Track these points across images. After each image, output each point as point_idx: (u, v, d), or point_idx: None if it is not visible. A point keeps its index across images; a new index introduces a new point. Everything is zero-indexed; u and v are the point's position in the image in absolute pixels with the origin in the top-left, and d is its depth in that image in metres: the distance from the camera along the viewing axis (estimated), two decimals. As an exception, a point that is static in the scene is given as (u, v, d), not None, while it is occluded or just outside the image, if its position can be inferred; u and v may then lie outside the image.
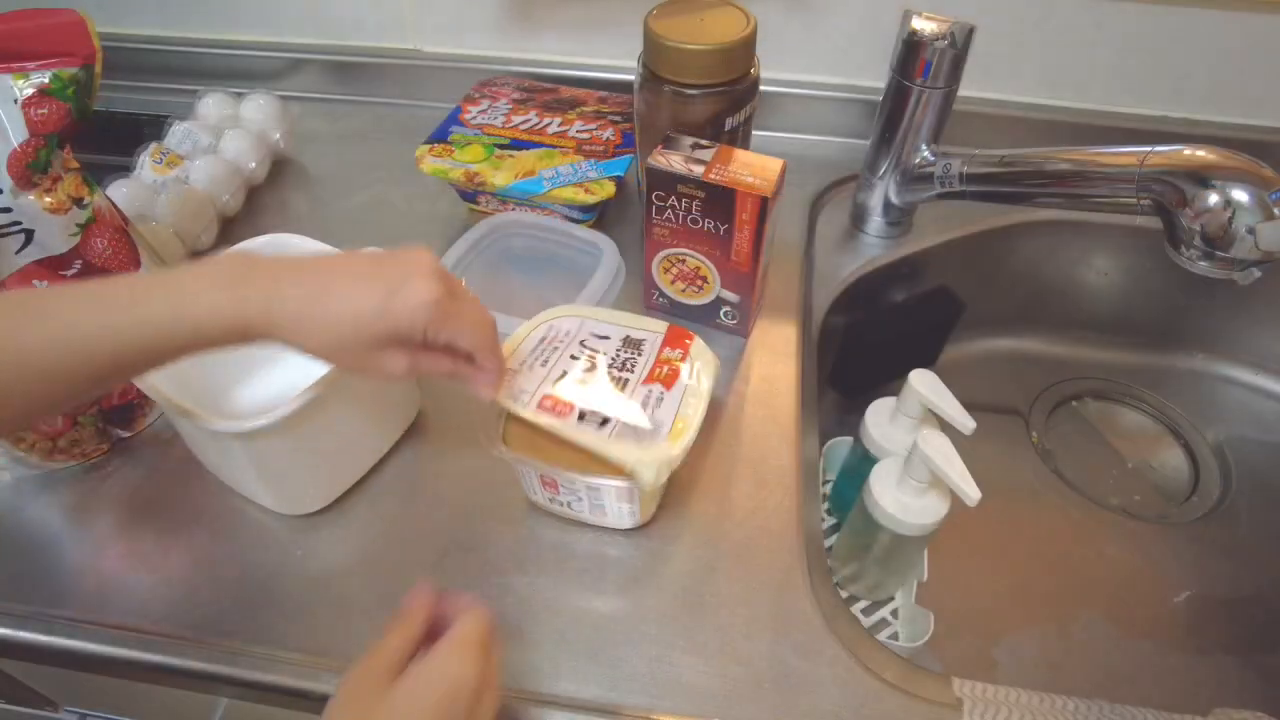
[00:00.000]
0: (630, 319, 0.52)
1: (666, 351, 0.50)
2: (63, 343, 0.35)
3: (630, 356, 0.50)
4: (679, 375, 0.49)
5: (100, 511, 0.52)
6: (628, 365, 0.49)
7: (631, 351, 0.50)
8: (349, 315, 0.38)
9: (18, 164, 0.46)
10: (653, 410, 0.46)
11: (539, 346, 0.50)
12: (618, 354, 0.50)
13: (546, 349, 0.49)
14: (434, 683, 0.35)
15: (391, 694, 0.34)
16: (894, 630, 0.60)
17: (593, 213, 0.69)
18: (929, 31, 0.58)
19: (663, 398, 0.47)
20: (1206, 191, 0.48)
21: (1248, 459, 0.74)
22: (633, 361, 0.49)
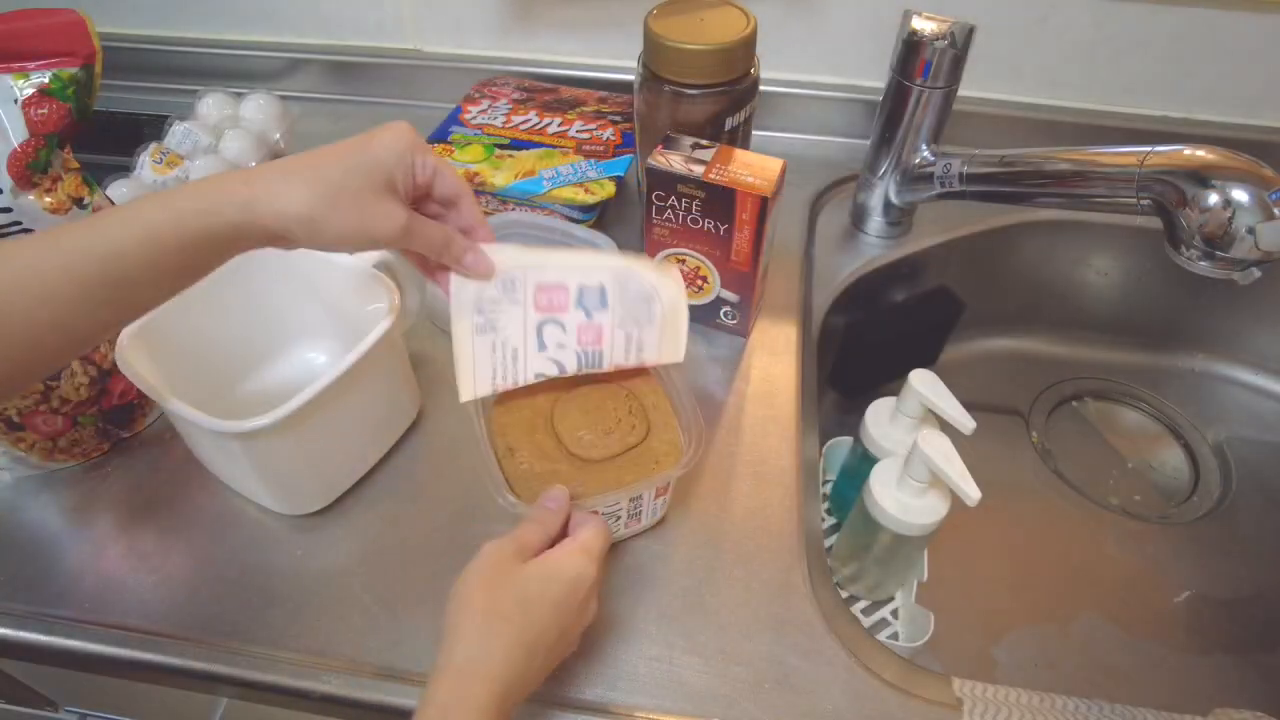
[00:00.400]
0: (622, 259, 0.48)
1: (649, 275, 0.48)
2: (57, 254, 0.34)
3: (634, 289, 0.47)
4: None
5: (100, 511, 0.52)
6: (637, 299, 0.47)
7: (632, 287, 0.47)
8: (333, 158, 0.38)
9: (18, 164, 0.46)
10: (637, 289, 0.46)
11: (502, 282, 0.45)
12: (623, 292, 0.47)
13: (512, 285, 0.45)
14: (561, 573, 0.39)
15: (524, 571, 0.38)
16: (894, 630, 0.60)
17: (593, 213, 0.69)
18: (929, 31, 0.58)
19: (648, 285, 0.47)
20: (1206, 191, 0.48)
21: (1248, 459, 0.74)
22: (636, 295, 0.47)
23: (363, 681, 0.44)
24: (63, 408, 0.51)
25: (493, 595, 0.37)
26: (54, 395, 0.51)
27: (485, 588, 0.37)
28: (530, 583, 0.38)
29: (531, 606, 0.37)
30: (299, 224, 0.37)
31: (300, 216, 0.37)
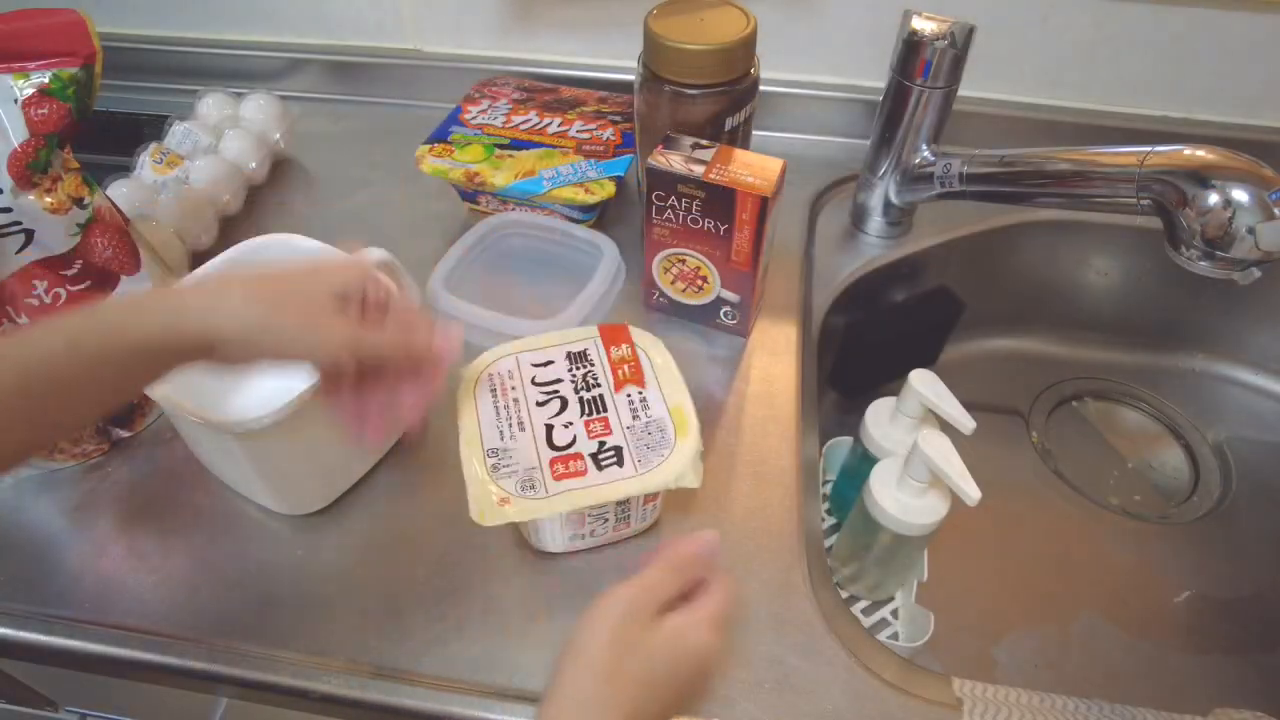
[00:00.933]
0: (558, 335, 0.51)
1: (614, 351, 0.49)
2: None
3: (587, 370, 0.49)
4: (641, 369, 0.48)
5: (100, 511, 0.52)
6: (589, 381, 0.48)
7: (583, 366, 0.49)
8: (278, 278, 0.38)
9: (18, 164, 0.46)
10: (644, 414, 0.46)
11: (498, 406, 0.47)
12: (573, 375, 0.48)
13: (508, 405, 0.47)
14: (693, 646, 0.35)
15: (655, 638, 0.34)
16: (894, 630, 0.60)
17: (593, 213, 0.69)
18: (929, 31, 0.58)
19: (644, 396, 0.47)
20: (1207, 191, 0.48)
21: (1248, 459, 0.74)
22: (592, 375, 0.48)
23: (363, 681, 0.44)
24: (63, 408, 0.51)
25: (619, 658, 0.33)
26: (54, 395, 0.51)
27: (613, 646, 0.33)
28: (659, 653, 0.34)
29: (657, 684, 0.34)
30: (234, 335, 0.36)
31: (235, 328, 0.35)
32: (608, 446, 0.45)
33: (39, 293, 0.49)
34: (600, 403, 0.47)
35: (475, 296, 0.62)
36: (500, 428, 0.46)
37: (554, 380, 0.48)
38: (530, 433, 0.46)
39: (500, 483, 0.43)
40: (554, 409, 0.47)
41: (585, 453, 0.45)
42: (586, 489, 0.43)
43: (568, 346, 0.50)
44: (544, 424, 0.46)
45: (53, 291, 0.49)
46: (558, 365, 0.49)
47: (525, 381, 0.48)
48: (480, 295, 0.62)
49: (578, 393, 0.47)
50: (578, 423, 0.46)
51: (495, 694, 0.44)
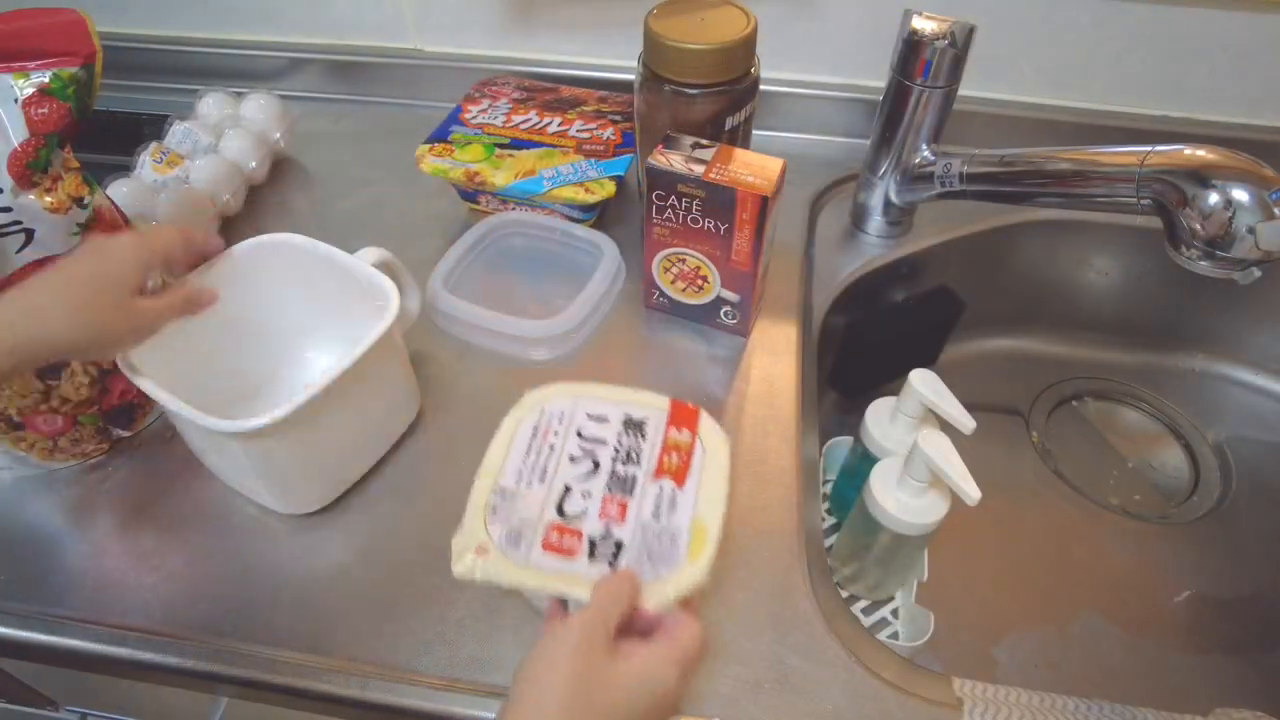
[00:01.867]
0: (629, 394, 0.46)
1: (673, 433, 0.43)
2: None
3: (634, 444, 0.43)
4: (690, 464, 0.42)
5: (100, 511, 0.52)
6: (632, 456, 0.43)
7: (634, 436, 0.43)
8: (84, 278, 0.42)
9: (18, 163, 0.46)
10: (665, 516, 0.40)
11: (533, 446, 0.43)
12: (620, 443, 0.43)
13: (541, 451, 0.43)
14: (653, 683, 0.34)
15: (616, 670, 0.34)
16: (894, 630, 0.60)
17: (593, 212, 0.69)
18: (929, 31, 0.58)
19: (675, 498, 0.41)
20: (1207, 191, 0.48)
21: (1248, 459, 0.74)
22: (637, 450, 0.43)
23: (363, 681, 0.44)
24: (63, 407, 0.51)
25: (581, 687, 0.33)
26: (54, 395, 0.51)
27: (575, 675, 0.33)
28: (621, 682, 0.34)
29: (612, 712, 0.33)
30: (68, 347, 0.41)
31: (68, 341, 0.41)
32: (611, 538, 0.40)
33: (39, 292, 0.49)
34: (630, 484, 0.41)
35: (475, 296, 0.62)
36: (521, 469, 0.42)
37: (599, 440, 0.43)
38: (546, 486, 0.41)
39: (491, 527, 0.40)
40: (582, 470, 0.42)
41: (586, 533, 0.40)
42: (563, 575, 0.38)
43: (630, 409, 0.45)
44: (564, 484, 0.41)
45: (53, 291, 0.49)
46: (611, 425, 0.44)
47: (571, 430, 0.44)
48: (480, 295, 0.62)
49: (614, 463, 0.42)
50: (596, 497, 0.41)
51: (495, 694, 0.44)
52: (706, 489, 0.41)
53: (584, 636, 0.34)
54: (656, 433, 0.44)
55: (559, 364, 0.60)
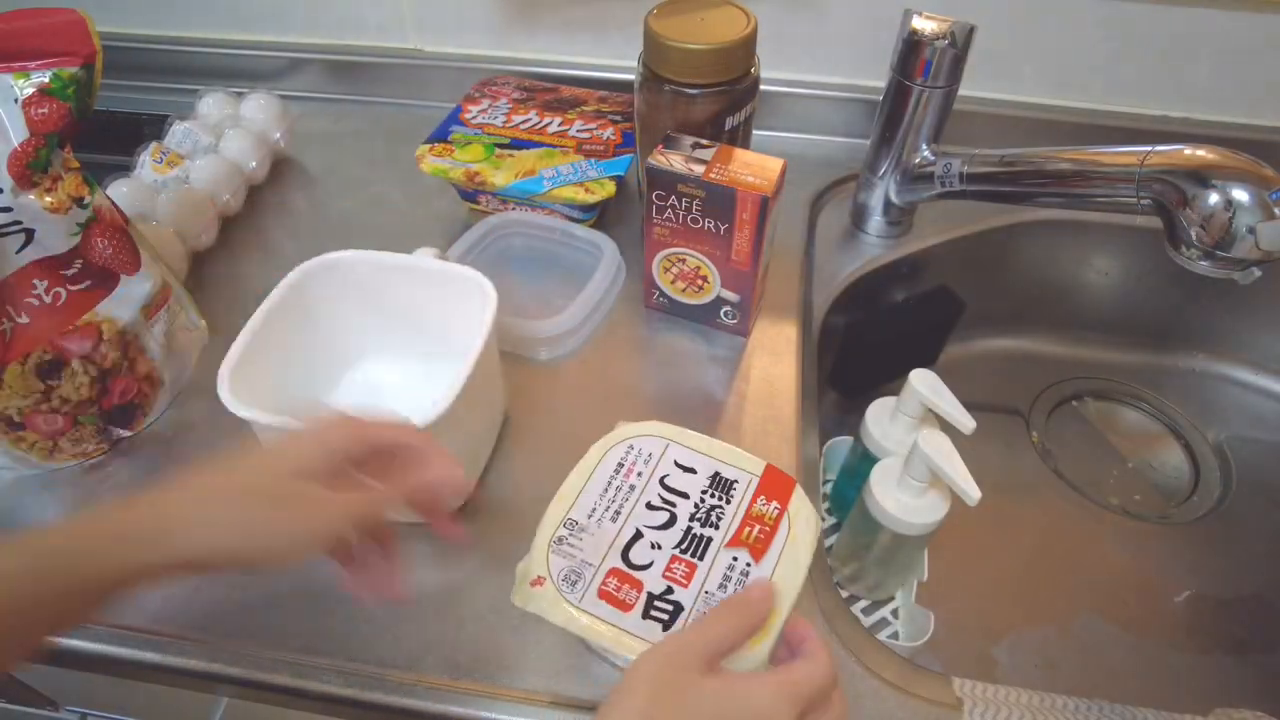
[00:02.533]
0: (724, 449, 0.43)
1: (760, 503, 0.41)
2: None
3: (718, 505, 0.41)
4: (772, 541, 0.39)
5: (100, 511, 0.52)
6: (712, 519, 0.40)
7: (720, 497, 0.41)
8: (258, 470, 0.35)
9: (18, 163, 0.46)
10: (734, 589, 0.38)
11: (613, 482, 0.41)
12: (702, 500, 0.41)
13: (621, 488, 0.41)
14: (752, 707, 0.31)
15: (703, 687, 0.31)
16: (894, 630, 0.60)
17: (593, 212, 0.69)
18: (929, 31, 0.58)
19: (748, 571, 0.38)
20: (1207, 191, 0.48)
21: (1248, 459, 0.74)
22: (719, 512, 0.40)
23: (363, 681, 0.44)
24: (63, 407, 0.51)
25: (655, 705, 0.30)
26: (55, 395, 0.51)
27: (651, 695, 0.30)
28: (705, 705, 0.30)
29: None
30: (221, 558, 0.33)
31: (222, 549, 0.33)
32: (671, 598, 0.37)
33: (39, 292, 0.49)
34: (704, 547, 0.39)
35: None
36: (597, 505, 0.41)
37: (681, 492, 0.41)
38: (617, 528, 0.40)
39: (552, 559, 0.38)
40: (658, 520, 0.40)
41: (647, 588, 0.38)
42: (612, 627, 0.36)
43: (721, 467, 0.43)
44: (635, 528, 0.40)
45: (53, 291, 0.49)
46: (698, 478, 0.42)
47: (655, 474, 0.42)
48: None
49: (692, 520, 0.40)
50: (666, 551, 0.39)
51: (496, 694, 0.44)
52: (783, 570, 0.38)
53: (670, 654, 0.32)
54: (743, 498, 0.41)
55: (559, 363, 0.60)
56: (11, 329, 0.49)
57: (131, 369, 0.54)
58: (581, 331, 0.61)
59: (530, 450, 0.55)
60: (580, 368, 0.60)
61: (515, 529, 0.51)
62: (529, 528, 0.51)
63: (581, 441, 0.55)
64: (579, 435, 0.56)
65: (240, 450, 0.36)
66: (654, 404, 0.58)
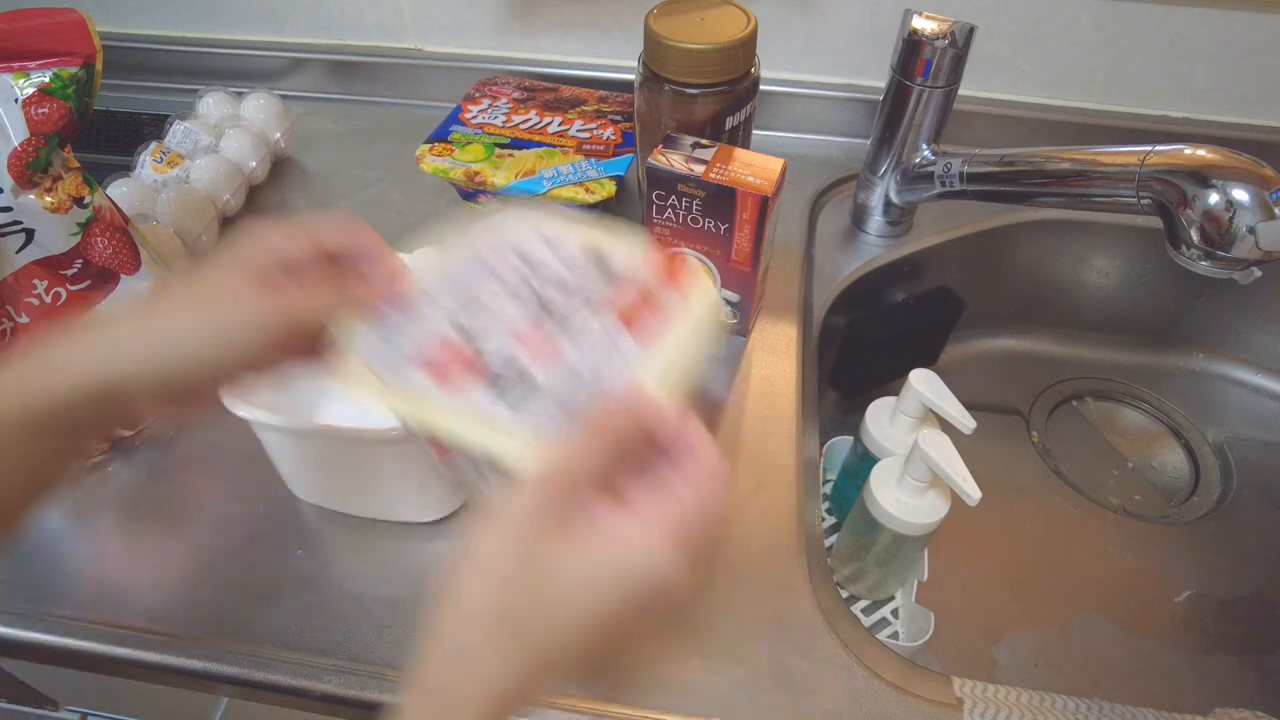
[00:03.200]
0: (603, 233, 0.36)
1: (647, 281, 0.34)
2: None
3: (591, 285, 0.34)
4: (662, 320, 0.33)
5: (100, 511, 0.52)
6: (586, 297, 0.33)
7: (596, 276, 0.34)
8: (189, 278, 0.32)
9: (18, 163, 0.46)
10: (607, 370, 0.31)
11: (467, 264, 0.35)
12: (574, 278, 0.34)
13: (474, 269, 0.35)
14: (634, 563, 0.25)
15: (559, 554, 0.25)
16: (894, 630, 0.60)
17: (593, 212, 0.69)
18: (930, 31, 0.58)
19: (628, 352, 0.32)
20: (1207, 191, 0.48)
21: (1248, 459, 0.74)
22: (593, 292, 0.34)
23: (363, 681, 0.44)
24: (63, 407, 0.51)
25: (502, 594, 0.25)
26: (54, 395, 0.51)
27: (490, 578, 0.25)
28: (564, 576, 0.25)
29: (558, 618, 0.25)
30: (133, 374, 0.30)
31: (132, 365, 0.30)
32: (518, 369, 0.30)
33: (39, 292, 0.49)
34: (569, 324, 0.32)
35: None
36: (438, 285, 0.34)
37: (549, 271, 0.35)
38: (457, 305, 0.34)
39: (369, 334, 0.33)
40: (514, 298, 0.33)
41: (491, 365, 0.31)
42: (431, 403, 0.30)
43: (599, 247, 0.36)
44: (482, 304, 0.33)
45: (53, 291, 0.49)
46: (571, 259, 0.35)
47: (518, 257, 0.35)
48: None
49: (560, 298, 0.33)
50: (523, 329, 0.32)
51: (495, 693, 0.44)
52: (670, 356, 0.32)
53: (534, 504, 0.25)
54: (625, 277, 0.34)
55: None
56: (11, 329, 0.49)
57: (131, 369, 0.54)
58: None
59: (530, 450, 0.55)
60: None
61: (515, 529, 0.51)
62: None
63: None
64: (579, 435, 0.56)
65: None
66: (654, 404, 0.58)
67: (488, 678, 0.25)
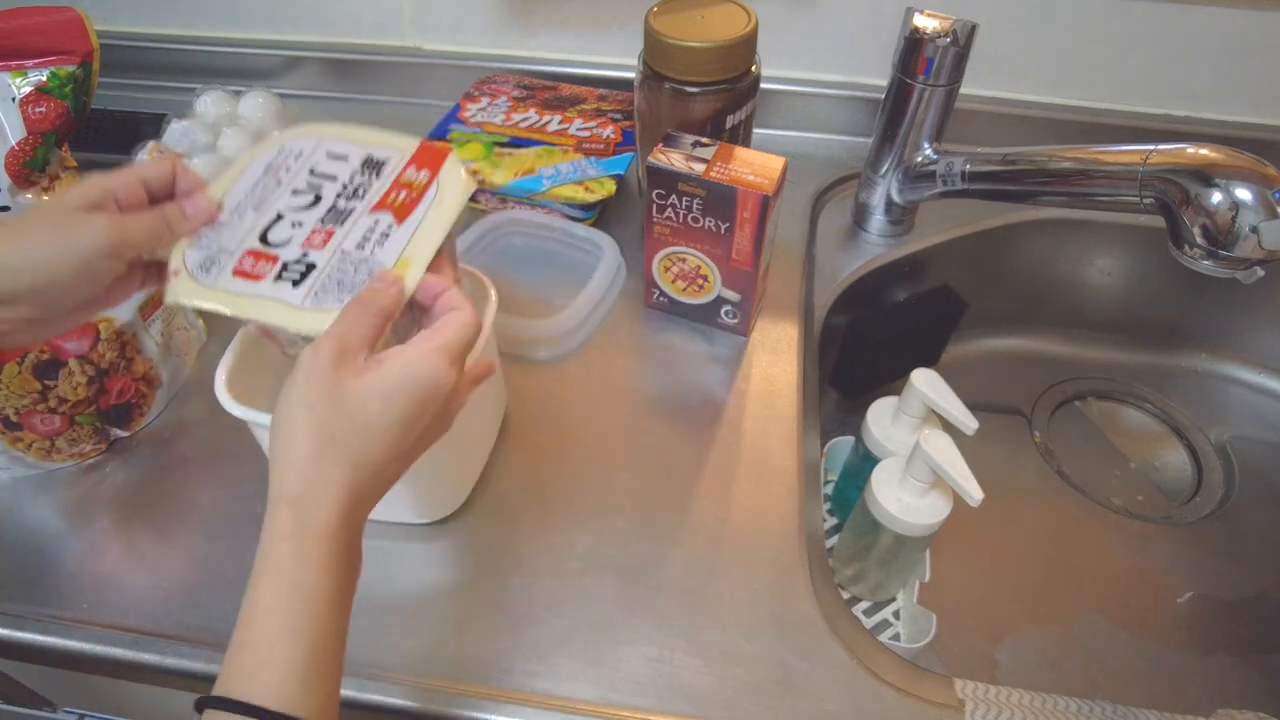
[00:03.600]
0: (379, 136, 0.43)
1: (410, 172, 0.41)
2: None
3: (364, 182, 0.41)
4: (419, 202, 0.40)
5: (98, 511, 0.52)
6: (359, 193, 0.40)
7: (369, 175, 0.41)
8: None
9: (15, 162, 0.46)
10: (372, 249, 0.38)
11: (261, 181, 0.41)
12: (351, 180, 0.41)
13: (268, 184, 0.41)
14: (409, 382, 0.33)
15: (359, 385, 0.32)
16: (896, 631, 0.60)
17: (593, 211, 0.69)
18: (931, 29, 0.58)
19: (389, 231, 0.39)
20: (1210, 190, 0.48)
21: (1251, 459, 0.74)
22: (365, 187, 0.40)
23: (362, 682, 0.44)
24: (60, 407, 0.51)
25: (319, 417, 0.32)
26: (52, 395, 0.50)
27: (308, 408, 0.32)
28: (370, 401, 0.32)
29: (374, 429, 0.32)
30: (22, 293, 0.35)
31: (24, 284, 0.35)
32: (305, 261, 0.38)
33: (36, 292, 0.49)
34: (347, 216, 0.40)
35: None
36: (242, 202, 0.40)
37: (329, 176, 0.41)
38: (259, 216, 0.40)
39: (189, 252, 0.38)
40: (302, 203, 0.40)
41: (283, 259, 0.38)
42: (241, 296, 0.37)
43: (374, 150, 0.42)
44: (276, 212, 0.40)
45: (50, 290, 0.49)
46: (348, 164, 0.42)
47: (305, 167, 0.42)
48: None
49: (337, 199, 0.40)
50: (307, 227, 0.39)
51: (495, 695, 0.44)
52: (425, 228, 0.39)
53: (307, 374, 0.32)
54: (394, 172, 0.41)
55: (559, 363, 0.60)
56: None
57: (129, 368, 0.54)
58: (581, 332, 0.61)
59: (530, 450, 0.55)
60: (580, 368, 0.60)
61: (515, 529, 0.51)
62: (529, 528, 0.51)
63: (582, 441, 0.55)
64: (579, 435, 0.56)
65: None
66: (654, 403, 0.58)
67: (329, 483, 0.31)
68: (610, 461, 0.54)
